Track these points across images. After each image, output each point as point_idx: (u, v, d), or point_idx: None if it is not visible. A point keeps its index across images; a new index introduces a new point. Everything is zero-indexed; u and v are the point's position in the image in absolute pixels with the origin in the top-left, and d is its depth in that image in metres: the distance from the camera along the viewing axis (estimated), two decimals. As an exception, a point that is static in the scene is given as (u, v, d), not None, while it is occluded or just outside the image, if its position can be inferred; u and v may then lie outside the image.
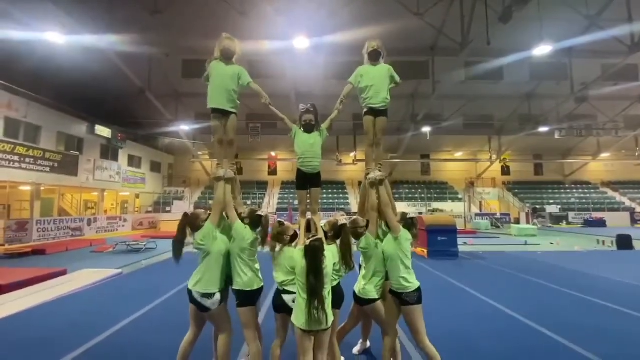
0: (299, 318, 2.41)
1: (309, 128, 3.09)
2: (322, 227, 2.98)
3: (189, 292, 2.74)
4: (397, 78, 3.20)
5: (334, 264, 2.71)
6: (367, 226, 2.91)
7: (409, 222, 2.93)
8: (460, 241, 10.91)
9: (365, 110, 3.18)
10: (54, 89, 16.41)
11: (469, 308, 4.95)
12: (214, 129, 3.10)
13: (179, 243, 2.80)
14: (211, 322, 2.85)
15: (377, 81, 3.11)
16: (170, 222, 20.82)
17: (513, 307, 4.86)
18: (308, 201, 3.14)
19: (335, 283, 2.77)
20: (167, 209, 23.86)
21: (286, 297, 2.68)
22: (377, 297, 2.84)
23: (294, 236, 2.88)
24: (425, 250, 9.69)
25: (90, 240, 13.65)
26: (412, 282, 2.74)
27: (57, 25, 12.69)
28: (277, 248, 2.80)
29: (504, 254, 10.64)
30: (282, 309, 2.71)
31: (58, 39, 12.85)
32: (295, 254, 2.61)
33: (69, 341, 3.68)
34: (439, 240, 9.64)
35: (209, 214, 2.87)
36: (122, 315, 4.52)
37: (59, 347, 3.52)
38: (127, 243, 11.35)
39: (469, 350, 3.48)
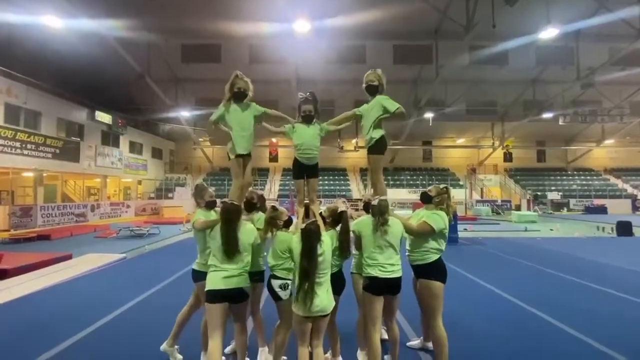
0: (295, 303, 2.46)
1: (308, 119, 3.01)
2: (321, 212, 2.97)
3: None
4: (392, 107, 2.85)
5: (334, 249, 2.72)
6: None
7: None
8: (460, 227, 10.99)
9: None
10: (53, 75, 16.25)
11: (467, 292, 5.02)
12: (234, 174, 3.00)
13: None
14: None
15: (365, 121, 3.00)
16: (172, 208, 20.98)
17: (511, 291, 4.93)
18: (306, 188, 3.13)
19: (335, 269, 2.77)
20: (169, 195, 23.98)
21: (274, 282, 2.68)
22: (354, 271, 3.16)
23: (288, 221, 2.89)
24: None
25: (94, 226, 13.84)
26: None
27: (54, 9, 12.44)
28: (270, 234, 2.80)
29: (503, 239, 10.71)
30: (271, 293, 2.72)
31: (55, 22, 12.64)
32: (292, 240, 2.62)
33: (75, 323, 3.77)
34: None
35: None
36: (126, 298, 4.62)
37: (65, 329, 3.61)
38: (131, 228, 11.50)
39: (466, 333, 3.55)
